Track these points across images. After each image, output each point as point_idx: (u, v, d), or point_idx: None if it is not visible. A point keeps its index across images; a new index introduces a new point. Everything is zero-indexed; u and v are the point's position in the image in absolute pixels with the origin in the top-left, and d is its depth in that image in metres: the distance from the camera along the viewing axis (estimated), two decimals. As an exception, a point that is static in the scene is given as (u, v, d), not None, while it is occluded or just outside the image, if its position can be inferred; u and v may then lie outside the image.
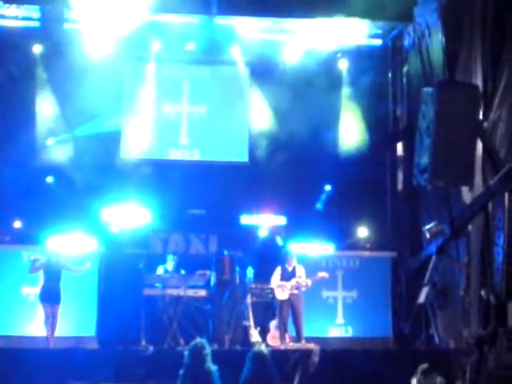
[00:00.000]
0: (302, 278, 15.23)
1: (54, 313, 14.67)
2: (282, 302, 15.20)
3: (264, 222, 17.53)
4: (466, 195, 14.24)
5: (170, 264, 15.90)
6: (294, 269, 15.32)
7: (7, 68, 16.75)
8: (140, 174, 17.15)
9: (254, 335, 15.38)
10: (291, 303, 15.16)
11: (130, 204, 16.85)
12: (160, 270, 15.94)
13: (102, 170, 16.86)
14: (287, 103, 17.39)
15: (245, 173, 17.85)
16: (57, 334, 15.13)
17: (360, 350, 14.70)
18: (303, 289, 15.28)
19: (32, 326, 15.43)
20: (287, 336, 15.16)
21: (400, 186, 17.97)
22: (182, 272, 15.92)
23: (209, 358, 9.19)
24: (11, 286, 15.66)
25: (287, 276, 15.25)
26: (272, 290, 15.66)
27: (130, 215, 16.84)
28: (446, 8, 14.95)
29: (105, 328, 14.90)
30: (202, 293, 15.53)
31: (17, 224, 16.91)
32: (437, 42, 15.42)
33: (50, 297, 14.67)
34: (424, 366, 11.49)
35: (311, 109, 17.33)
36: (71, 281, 15.42)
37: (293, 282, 15.18)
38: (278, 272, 15.36)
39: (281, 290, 15.22)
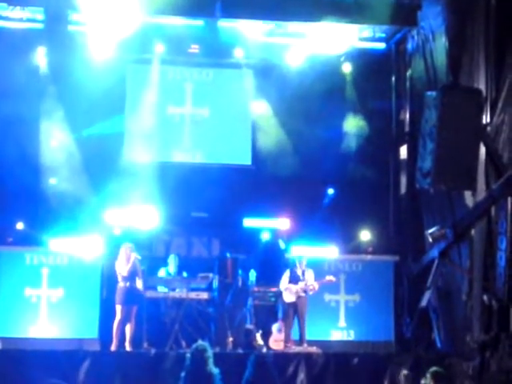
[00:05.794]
0: (309, 281, 15.26)
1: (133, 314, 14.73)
2: (289, 304, 15.25)
3: (267, 225, 17.51)
4: (469, 199, 14.24)
5: (171, 266, 15.88)
6: (303, 272, 15.37)
7: (11, 69, 16.74)
8: (143, 177, 17.12)
9: (256, 338, 15.38)
10: (296, 306, 15.19)
11: (132, 206, 16.85)
12: (162, 272, 15.94)
13: (105, 172, 16.89)
14: (290, 106, 17.42)
15: (248, 176, 17.82)
16: (59, 335, 15.18)
17: (362, 354, 14.70)
18: (310, 292, 15.32)
19: (33, 327, 15.43)
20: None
21: (403, 190, 17.94)
22: (185, 274, 15.91)
23: (211, 361, 9.18)
24: (14, 288, 15.65)
25: (296, 279, 15.29)
26: (274, 292, 15.71)
27: (133, 218, 16.83)
28: (450, 12, 14.96)
29: (107, 330, 14.90)
30: (205, 295, 15.51)
31: (19, 225, 16.87)
32: (440, 45, 15.41)
33: (133, 298, 14.70)
34: (434, 369, 11.06)
35: (314, 112, 17.35)
36: (74, 282, 15.45)
37: (301, 285, 15.21)
38: (286, 275, 15.41)
39: (288, 292, 15.24)
